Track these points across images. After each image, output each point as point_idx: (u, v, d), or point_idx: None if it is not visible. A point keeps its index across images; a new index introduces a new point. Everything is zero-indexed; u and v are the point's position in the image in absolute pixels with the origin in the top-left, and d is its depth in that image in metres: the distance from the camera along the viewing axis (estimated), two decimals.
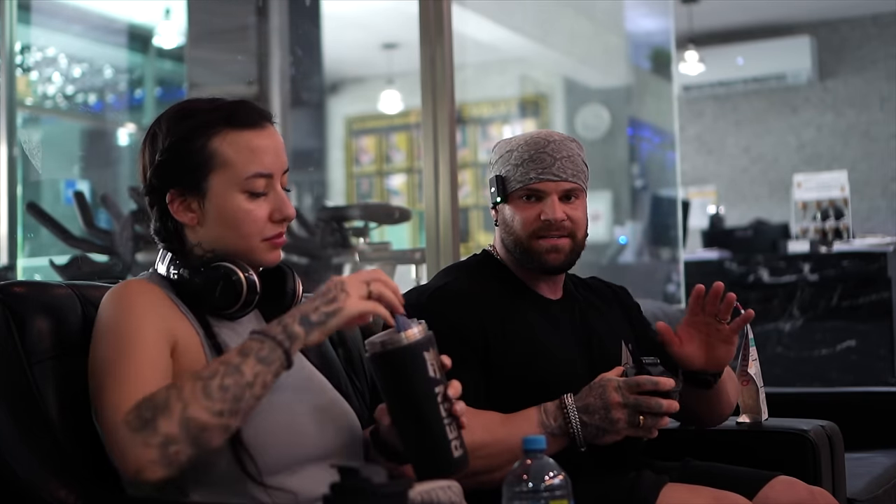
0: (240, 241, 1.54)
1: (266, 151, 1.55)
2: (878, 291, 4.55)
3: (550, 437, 1.73)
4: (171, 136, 1.54)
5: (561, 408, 1.77)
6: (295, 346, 1.40)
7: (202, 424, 1.33)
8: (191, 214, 1.54)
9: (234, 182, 1.53)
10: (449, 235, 3.08)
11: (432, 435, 1.43)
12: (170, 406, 1.33)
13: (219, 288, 1.51)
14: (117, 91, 6.59)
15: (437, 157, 3.08)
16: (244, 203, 1.53)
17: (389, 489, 1.13)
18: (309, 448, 1.51)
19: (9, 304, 1.57)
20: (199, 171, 1.53)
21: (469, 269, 2.03)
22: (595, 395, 1.76)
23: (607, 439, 1.77)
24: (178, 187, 1.54)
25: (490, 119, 8.75)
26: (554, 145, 1.95)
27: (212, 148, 1.52)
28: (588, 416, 1.75)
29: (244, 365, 1.37)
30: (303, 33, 5.18)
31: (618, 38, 7.19)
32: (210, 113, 1.55)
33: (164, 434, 1.32)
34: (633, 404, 1.73)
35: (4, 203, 4.33)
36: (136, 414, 1.34)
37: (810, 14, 8.26)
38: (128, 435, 1.33)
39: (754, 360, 2.26)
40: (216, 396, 1.34)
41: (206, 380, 1.35)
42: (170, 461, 1.33)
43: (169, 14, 6.15)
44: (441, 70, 3.11)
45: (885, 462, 2.75)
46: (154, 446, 1.32)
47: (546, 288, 2.01)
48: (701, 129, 8.89)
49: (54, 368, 1.56)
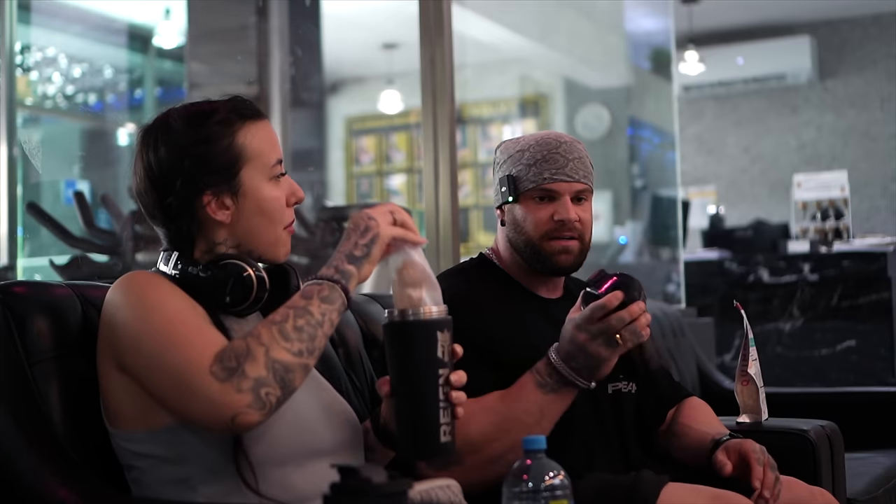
0: (271, 230, 1.58)
1: (275, 138, 1.62)
2: (878, 291, 4.55)
3: (554, 394, 1.77)
4: (192, 142, 1.55)
5: (549, 365, 1.79)
6: (352, 283, 1.46)
7: (287, 365, 1.38)
8: (226, 212, 1.56)
9: (265, 171, 1.57)
10: (449, 235, 3.08)
11: (424, 414, 1.44)
12: (252, 351, 1.37)
13: (230, 285, 1.52)
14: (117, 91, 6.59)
15: (437, 157, 3.08)
16: (274, 190, 1.58)
17: (389, 489, 1.13)
18: (314, 443, 1.52)
19: (9, 304, 1.57)
20: (233, 167, 1.55)
21: (466, 272, 2.04)
22: (566, 342, 1.78)
23: (605, 369, 1.78)
24: (212, 188, 1.55)
25: (490, 119, 8.75)
26: (566, 146, 1.97)
27: (239, 143, 1.56)
28: (574, 362, 1.77)
29: (311, 306, 1.42)
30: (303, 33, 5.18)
31: (618, 38, 7.20)
32: (221, 112, 1.58)
33: (255, 378, 1.36)
34: (601, 331, 1.74)
35: (4, 203, 4.33)
36: (221, 365, 1.37)
37: (810, 14, 8.26)
38: (217, 385, 1.35)
39: (754, 360, 2.26)
40: (293, 337, 1.39)
41: (280, 323, 1.40)
42: (263, 404, 1.36)
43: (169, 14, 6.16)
44: (441, 70, 3.11)
45: (885, 462, 2.75)
46: (247, 391, 1.35)
47: (545, 289, 2.02)
48: (701, 129, 8.89)
49: (54, 368, 1.56)
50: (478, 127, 8.76)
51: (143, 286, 1.49)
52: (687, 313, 4.27)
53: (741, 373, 2.26)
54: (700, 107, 8.87)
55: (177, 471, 1.46)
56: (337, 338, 2.07)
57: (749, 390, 2.27)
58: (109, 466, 1.53)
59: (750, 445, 1.88)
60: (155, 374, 1.42)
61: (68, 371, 1.56)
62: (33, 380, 1.54)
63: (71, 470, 1.48)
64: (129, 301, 1.47)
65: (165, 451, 1.46)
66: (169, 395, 1.41)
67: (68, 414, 1.55)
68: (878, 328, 4.53)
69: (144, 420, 1.46)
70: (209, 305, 1.53)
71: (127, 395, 1.47)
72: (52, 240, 4.15)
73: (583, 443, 1.91)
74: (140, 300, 1.46)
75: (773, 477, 1.85)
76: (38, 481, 1.46)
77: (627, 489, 1.80)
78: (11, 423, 1.50)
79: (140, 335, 1.44)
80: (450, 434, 1.46)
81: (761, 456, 1.86)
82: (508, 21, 6.60)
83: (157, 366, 1.41)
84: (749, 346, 2.25)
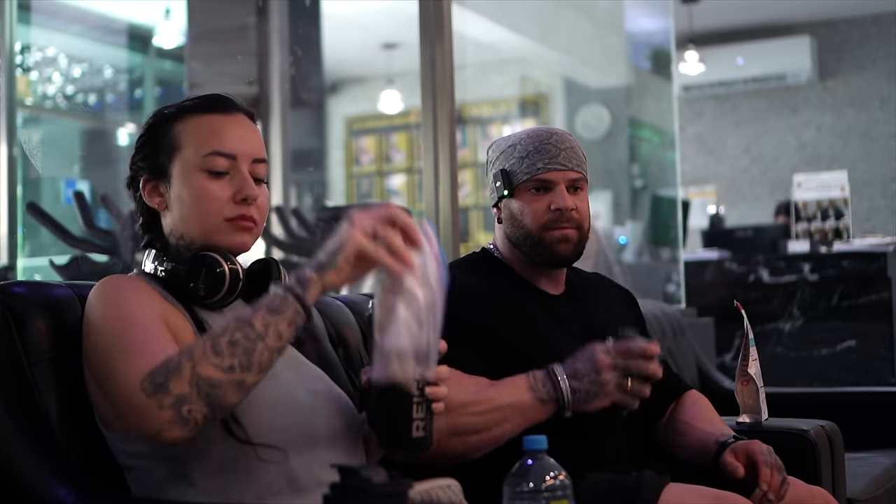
0: (202, 220, 1.55)
1: (229, 134, 1.58)
2: (878, 291, 4.55)
3: (539, 402, 1.78)
4: (145, 129, 1.61)
5: (549, 374, 1.80)
6: (310, 290, 1.39)
7: (212, 381, 1.35)
8: (159, 199, 1.59)
9: (193, 161, 1.56)
10: (449, 235, 3.08)
11: (397, 407, 1.44)
12: (180, 367, 1.35)
13: (202, 277, 1.53)
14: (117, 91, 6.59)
15: (437, 157, 3.08)
16: (203, 181, 1.55)
17: (389, 489, 1.13)
18: (310, 429, 1.52)
19: (9, 304, 1.57)
20: (165, 154, 1.57)
21: (469, 265, 2.04)
22: (584, 360, 1.79)
23: (596, 404, 1.78)
24: (148, 173, 1.59)
25: (490, 119, 8.76)
26: (557, 137, 1.98)
27: (175, 131, 1.57)
28: (577, 382, 1.78)
29: (254, 318, 1.37)
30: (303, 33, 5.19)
31: (618, 38, 7.20)
32: (184, 103, 1.61)
33: (176, 395, 1.34)
34: (623, 366, 1.77)
35: (4, 203, 4.33)
36: (150, 380, 1.35)
37: (810, 14, 8.27)
38: (143, 401, 1.34)
39: (754, 360, 2.26)
40: (225, 352, 1.35)
41: (216, 337, 1.36)
42: (185, 420, 1.34)
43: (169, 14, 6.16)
44: (441, 70, 3.11)
45: (885, 462, 2.75)
46: (167, 407, 1.33)
47: (548, 283, 2.02)
48: (701, 129, 8.89)
49: (54, 368, 1.56)
50: (478, 127, 8.76)
51: (112, 293, 1.50)
52: (687, 313, 4.27)
53: (741, 373, 2.26)
54: (700, 107, 8.87)
55: (174, 467, 1.46)
56: (337, 338, 2.07)
57: (749, 390, 2.27)
58: (109, 466, 1.52)
59: (757, 447, 1.88)
60: (103, 382, 1.44)
61: (68, 371, 1.56)
62: (33, 380, 1.54)
63: (70, 470, 1.48)
64: (97, 309, 1.49)
65: (159, 449, 1.45)
66: (113, 405, 1.43)
67: (68, 414, 1.55)
68: (878, 328, 4.53)
69: None
70: (185, 300, 1.54)
71: (104, 398, 1.47)
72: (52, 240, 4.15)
73: (594, 434, 1.91)
74: (105, 309, 1.48)
75: (780, 478, 1.85)
76: (38, 481, 1.46)
77: (629, 489, 1.80)
78: (11, 423, 1.50)
79: (97, 345, 1.46)
80: (423, 429, 1.46)
81: (769, 458, 1.86)
82: (508, 21, 6.60)
83: (106, 375, 1.43)
84: (749, 346, 2.25)
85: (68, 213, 4.29)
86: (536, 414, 1.79)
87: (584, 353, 1.80)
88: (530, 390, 1.79)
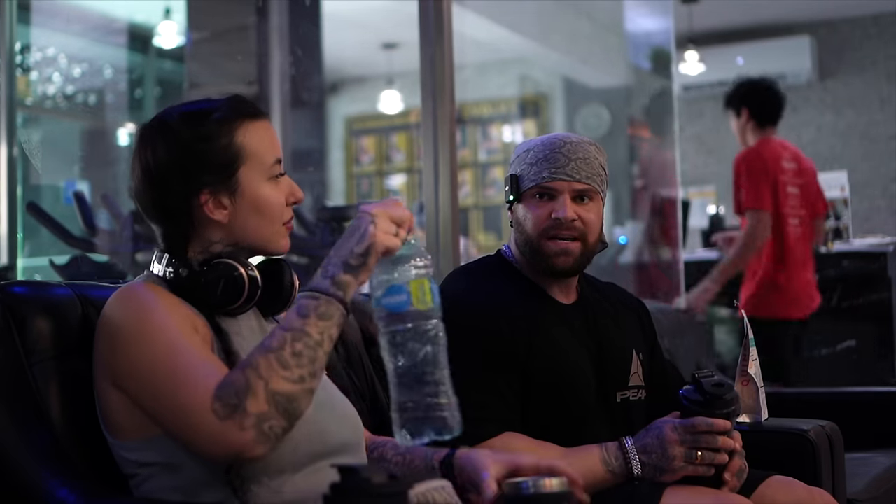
0: (267, 227, 1.57)
1: (274, 138, 1.61)
2: (878, 291, 4.55)
3: (611, 474, 1.81)
4: (191, 140, 1.54)
5: (621, 448, 1.83)
6: (348, 293, 1.42)
7: (289, 395, 1.36)
8: (224, 211, 1.55)
9: (263, 170, 1.56)
10: (449, 235, 3.07)
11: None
12: (252, 386, 1.35)
13: (221, 285, 1.52)
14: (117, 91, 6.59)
15: (437, 157, 3.08)
16: (270, 189, 1.57)
17: (389, 489, 1.13)
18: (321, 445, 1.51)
19: (9, 304, 1.57)
20: (231, 166, 1.54)
21: (482, 273, 2.03)
22: (652, 436, 1.82)
23: (666, 478, 1.81)
24: (210, 187, 1.54)
25: (490, 119, 8.76)
26: (570, 146, 1.96)
27: (238, 142, 1.55)
28: (646, 456, 1.81)
29: (308, 326, 1.39)
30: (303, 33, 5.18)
31: (618, 38, 7.19)
32: (220, 110, 1.57)
33: (256, 414, 1.34)
34: (691, 441, 1.80)
35: (4, 203, 4.32)
36: (221, 403, 1.35)
37: (810, 14, 8.26)
38: (219, 425, 1.34)
39: (754, 360, 2.26)
40: (292, 364, 1.37)
41: (277, 351, 1.37)
42: (267, 437, 1.35)
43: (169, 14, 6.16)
44: (441, 70, 3.10)
45: (885, 462, 2.75)
46: (250, 428, 1.34)
47: (559, 291, 2.01)
48: (701, 129, 8.89)
49: (54, 368, 1.56)
50: (478, 127, 8.76)
51: (143, 307, 1.47)
52: (687, 313, 4.27)
53: (741, 373, 2.26)
54: (700, 107, 8.86)
55: (177, 478, 1.46)
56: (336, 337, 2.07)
57: (749, 390, 2.26)
58: (109, 466, 1.52)
59: None
60: (158, 408, 1.42)
61: (68, 371, 1.56)
62: (33, 380, 1.54)
63: (71, 470, 1.48)
64: (130, 325, 1.46)
65: (164, 459, 1.45)
66: (172, 430, 1.41)
67: (68, 414, 1.55)
68: (878, 328, 4.53)
69: (141, 430, 1.46)
70: (202, 306, 1.53)
71: (124, 409, 1.46)
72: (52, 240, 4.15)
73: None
74: (140, 325, 1.45)
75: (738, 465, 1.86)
76: (38, 481, 1.46)
77: (630, 491, 1.80)
78: (11, 423, 1.50)
79: (141, 365, 1.44)
80: None
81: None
82: (508, 21, 6.60)
83: (159, 399, 1.41)
84: (749, 346, 2.25)
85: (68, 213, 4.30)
86: (605, 484, 1.82)
87: (653, 428, 1.83)
88: (603, 463, 1.81)
